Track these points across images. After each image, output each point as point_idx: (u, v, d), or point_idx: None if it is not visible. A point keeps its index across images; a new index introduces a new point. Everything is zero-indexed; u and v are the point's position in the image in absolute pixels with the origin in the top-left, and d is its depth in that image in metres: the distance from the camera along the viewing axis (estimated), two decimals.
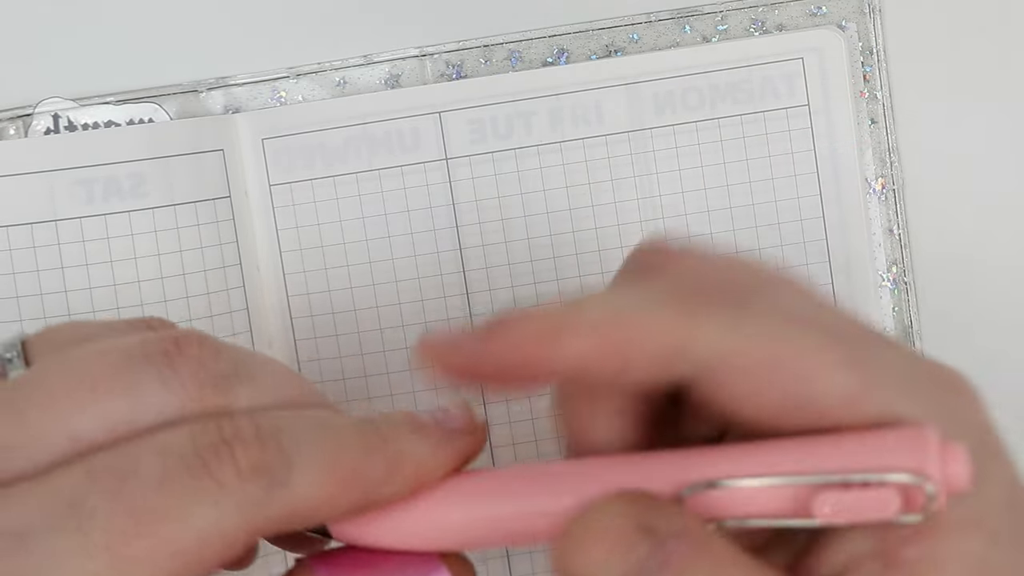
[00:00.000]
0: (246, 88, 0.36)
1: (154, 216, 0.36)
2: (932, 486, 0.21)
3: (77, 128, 0.36)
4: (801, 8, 0.35)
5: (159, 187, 0.36)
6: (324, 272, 0.36)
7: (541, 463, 0.22)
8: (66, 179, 0.36)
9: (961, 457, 0.21)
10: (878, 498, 0.21)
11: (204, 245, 0.36)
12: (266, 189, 0.36)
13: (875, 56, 0.35)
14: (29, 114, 0.36)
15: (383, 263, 0.36)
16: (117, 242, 0.36)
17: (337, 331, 0.36)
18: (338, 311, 0.36)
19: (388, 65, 0.36)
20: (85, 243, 0.36)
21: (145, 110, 0.36)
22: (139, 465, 0.20)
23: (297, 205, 0.36)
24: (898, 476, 0.21)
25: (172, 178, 0.36)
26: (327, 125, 0.36)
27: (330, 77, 0.36)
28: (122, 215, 0.36)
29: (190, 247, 0.36)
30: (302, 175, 0.36)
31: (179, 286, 0.36)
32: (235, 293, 0.36)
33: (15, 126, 0.37)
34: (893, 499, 0.21)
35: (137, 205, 0.36)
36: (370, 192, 0.36)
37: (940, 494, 0.21)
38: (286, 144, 0.36)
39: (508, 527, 0.22)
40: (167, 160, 0.36)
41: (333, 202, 0.36)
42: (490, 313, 0.36)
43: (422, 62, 0.36)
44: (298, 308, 0.36)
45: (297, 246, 0.36)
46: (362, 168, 0.36)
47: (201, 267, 0.36)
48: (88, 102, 0.36)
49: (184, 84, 0.36)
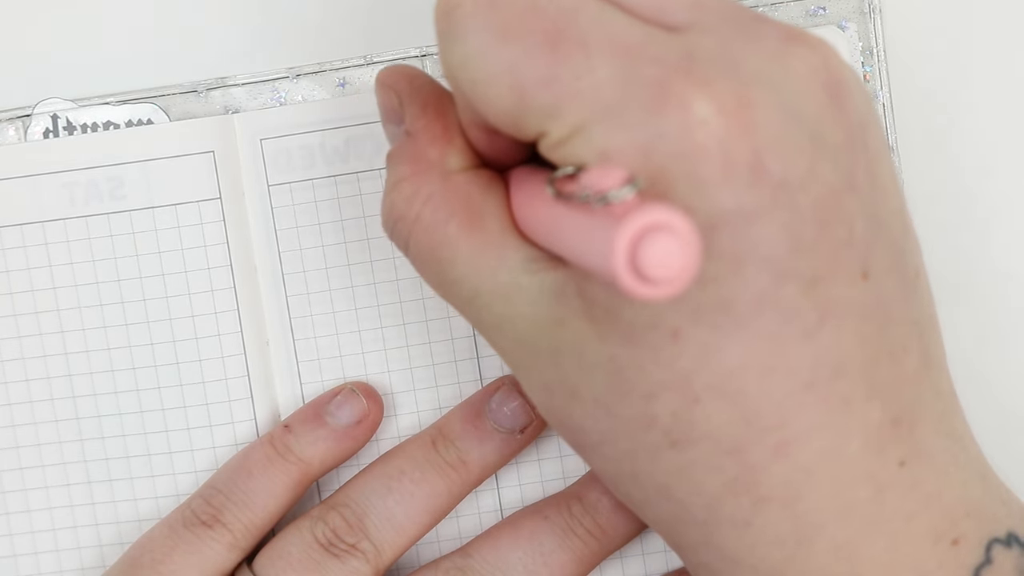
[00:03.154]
0: (246, 88, 0.36)
1: (131, 218, 0.36)
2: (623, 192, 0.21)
3: (76, 129, 0.36)
4: (801, 8, 0.35)
5: (137, 189, 0.36)
6: (325, 272, 0.36)
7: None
8: (55, 182, 0.36)
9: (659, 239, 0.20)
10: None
11: (185, 247, 0.36)
12: (264, 189, 0.36)
13: (875, 56, 0.35)
14: (28, 115, 0.36)
15: (384, 262, 0.36)
16: (99, 243, 0.36)
17: (338, 330, 0.36)
18: (339, 310, 0.36)
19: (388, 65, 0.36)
20: (70, 243, 0.36)
21: (144, 111, 0.36)
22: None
23: (297, 205, 0.36)
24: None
25: (153, 180, 0.36)
26: (327, 125, 0.36)
27: (330, 77, 0.36)
28: (102, 217, 0.36)
29: (168, 249, 0.36)
30: (302, 175, 0.36)
31: (158, 286, 0.36)
32: (222, 295, 0.36)
33: (14, 127, 0.37)
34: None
35: (116, 207, 0.36)
36: (371, 192, 0.36)
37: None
38: (285, 144, 0.36)
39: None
40: (153, 163, 0.36)
41: (334, 201, 0.36)
42: None
43: (422, 62, 0.36)
44: (297, 308, 0.36)
45: (297, 246, 0.36)
46: (363, 168, 0.36)
47: (182, 268, 0.36)
48: (87, 103, 0.36)
49: (183, 84, 0.36)
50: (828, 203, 0.23)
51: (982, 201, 0.36)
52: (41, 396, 0.37)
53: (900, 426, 0.25)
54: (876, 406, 0.25)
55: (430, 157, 0.28)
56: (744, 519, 0.25)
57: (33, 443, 0.37)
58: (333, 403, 0.35)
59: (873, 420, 0.25)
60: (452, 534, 0.36)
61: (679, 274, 0.20)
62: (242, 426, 0.36)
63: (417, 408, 0.36)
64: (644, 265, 0.20)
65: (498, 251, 0.27)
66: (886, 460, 0.25)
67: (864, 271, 0.24)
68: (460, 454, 0.34)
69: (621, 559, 0.36)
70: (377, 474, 0.34)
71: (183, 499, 0.36)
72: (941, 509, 0.26)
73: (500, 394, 0.35)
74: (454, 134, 0.28)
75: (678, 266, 0.20)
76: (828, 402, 0.24)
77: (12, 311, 0.36)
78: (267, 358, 0.36)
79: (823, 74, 0.24)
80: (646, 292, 0.20)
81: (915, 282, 0.26)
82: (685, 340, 0.24)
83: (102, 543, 0.37)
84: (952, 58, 0.36)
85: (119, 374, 0.36)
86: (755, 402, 0.24)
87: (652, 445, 0.25)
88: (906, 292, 0.26)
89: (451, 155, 0.28)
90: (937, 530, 0.26)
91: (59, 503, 0.37)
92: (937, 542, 0.26)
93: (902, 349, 0.25)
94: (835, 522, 0.25)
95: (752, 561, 0.26)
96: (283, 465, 0.34)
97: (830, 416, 0.24)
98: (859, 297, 0.24)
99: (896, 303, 0.25)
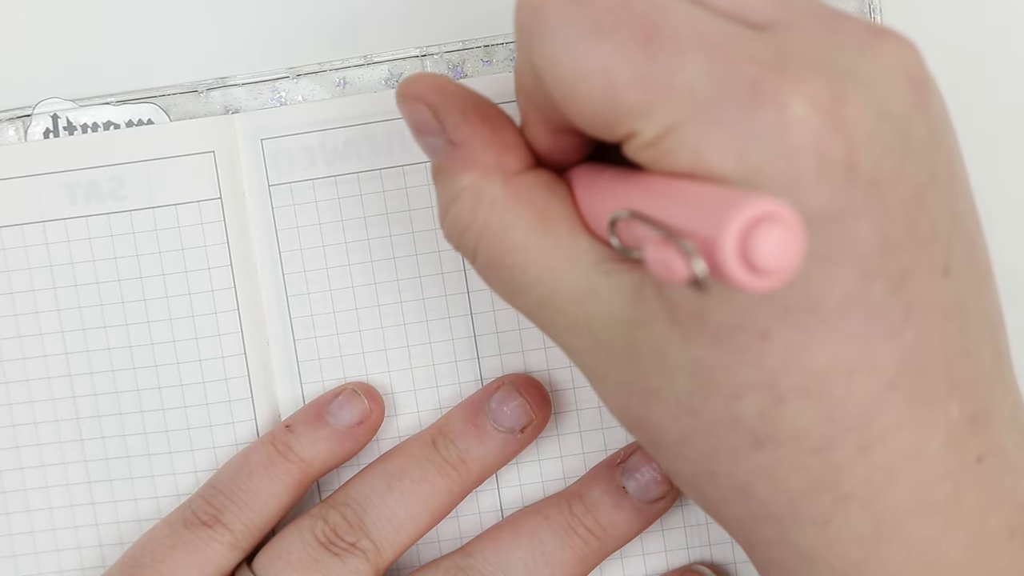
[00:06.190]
0: (246, 88, 0.36)
1: (132, 218, 0.36)
2: (700, 265, 0.20)
3: (76, 129, 0.36)
4: None
5: (137, 189, 0.36)
6: (325, 272, 0.36)
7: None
8: (56, 182, 0.36)
9: (770, 233, 0.19)
10: (662, 261, 0.21)
11: (185, 247, 0.36)
12: (265, 189, 0.36)
13: None
14: (28, 115, 0.36)
15: (384, 262, 0.36)
16: (99, 243, 0.36)
17: (338, 330, 0.36)
18: (339, 310, 0.36)
19: (388, 65, 0.36)
20: (70, 243, 0.36)
21: (145, 111, 0.36)
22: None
23: (297, 205, 0.36)
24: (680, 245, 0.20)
25: (154, 181, 0.36)
26: (328, 125, 0.36)
27: (330, 77, 0.36)
28: (102, 217, 0.36)
29: (169, 249, 0.36)
30: (303, 175, 0.36)
31: (159, 286, 0.36)
32: (222, 295, 0.36)
33: (14, 127, 0.37)
34: (677, 265, 0.20)
35: (117, 207, 0.36)
36: (372, 191, 0.36)
37: (727, 267, 0.20)
38: (286, 144, 0.36)
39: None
40: (153, 163, 0.36)
41: (335, 201, 0.36)
42: (490, 311, 0.36)
43: (422, 62, 0.36)
44: (298, 308, 0.36)
45: (298, 245, 0.36)
46: (364, 168, 0.36)
47: (183, 268, 0.36)
48: (87, 103, 0.36)
49: (184, 84, 0.36)
50: (915, 200, 0.23)
51: (982, 201, 0.36)
52: (41, 396, 0.37)
53: (977, 422, 0.25)
54: (955, 403, 0.25)
55: (486, 162, 0.27)
56: (824, 517, 0.25)
57: (33, 443, 0.37)
58: (334, 403, 0.35)
59: (953, 418, 0.25)
60: (452, 534, 0.36)
61: (788, 264, 0.19)
62: (242, 426, 0.36)
63: (417, 408, 0.36)
64: (756, 255, 0.19)
65: (570, 252, 0.26)
66: (964, 457, 0.25)
67: (945, 268, 0.24)
68: (460, 453, 0.34)
69: (621, 559, 0.36)
70: (378, 473, 0.34)
71: (183, 499, 0.36)
72: (1015, 504, 0.26)
73: (500, 394, 0.35)
74: (505, 135, 0.28)
75: (788, 256, 0.19)
76: (911, 401, 0.24)
77: (12, 311, 0.36)
78: (267, 358, 0.36)
79: (909, 69, 0.24)
80: (756, 283, 0.20)
81: (987, 277, 0.26)
82: (773, 340, 0.24)
83: (102, 543, 0.37)
84: (952, 58, 0.36)
85: (119, 374, 0.36)
86: (840, 402, 0.24)
87: (736, 445, 0.25)
88: (981, 288, 0.26)
89: (507, 157, 0.27)
90: (1011, 526, 0.26)
91: (59, 503, 0.37)
92: (1012, 538, 0.26)
93: (977, 345, 0.25)
94: (914, 520, 0.25)
95: (829, 559, 0.26)
96: (284, 465, 0.34)
97: (912, 415, 0.24)
98: (940, 294, 0.24)
99: (972, 299, 0.25)
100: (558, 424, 0.36)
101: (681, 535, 0.36)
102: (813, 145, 0.22)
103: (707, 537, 0.36)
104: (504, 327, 0.36)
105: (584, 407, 0.36)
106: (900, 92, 0.24)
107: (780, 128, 0.22)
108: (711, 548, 0.36)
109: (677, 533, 0.36)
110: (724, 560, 0.36)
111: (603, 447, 0.36)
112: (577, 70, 0.24)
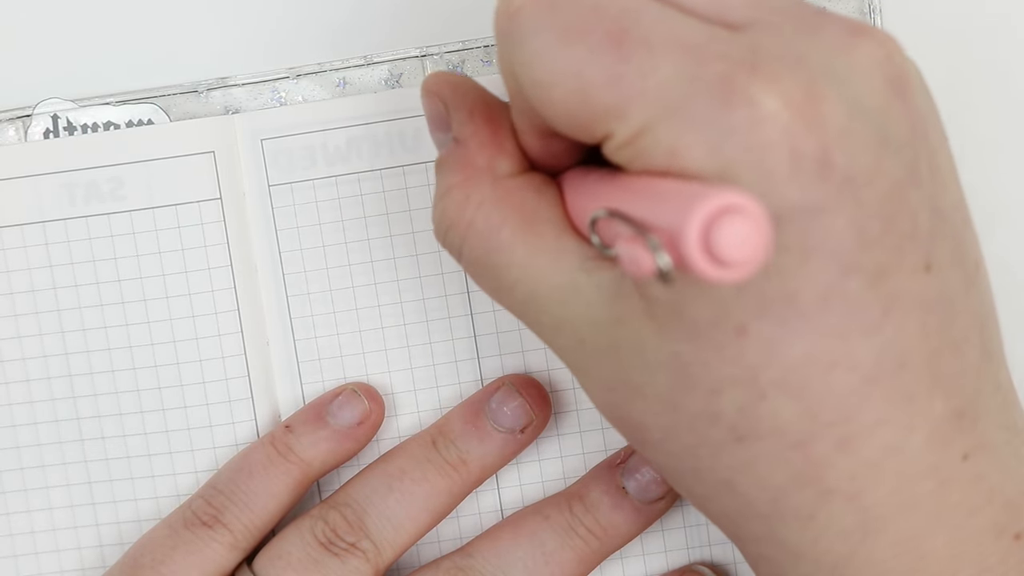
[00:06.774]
0: (246, 88, 0.36)
1: (132, 219, 0.36)
2: (664, 259, 0.20)
3: (76, 129, 0.36)
4: None
5: (137, 189, 0.36)
6: (325, 272, 0.36)
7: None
8: (56, 182, 0.36)
9: (735, 226, 0.20)
10: (630, 256, 0.21)
11: (185, 248, 0.36)
12: (265, 190, 0.36)
13: None
14: (28, 115, 0.36)
15: (385, 262, 0.36)
16: (99, 243, 0.36)
17: (339, 330, 0.36)
18: (340, 311, 0.36)
19: (388, 65, 0.36)
20: (70, 243, 0.36)
21: (145, 111, 0.36)
22: None
23: (298, 205, 0.36)
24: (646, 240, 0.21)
25: (154, 181, 0.36)
26: (328, 125, 0.36)
27: (330, 77, 0.36)
28: (102, 217, 0.36)
29: (169, 249, 0.36)
30: (303, 175, 0.36)
31: (159, 286, 0.36)
32: (222, 295, 0.36)
33: (14, 127, 0.37)
34: (643, 259, 0.21)
35: (117, 208, 0.36)
36: (372, 192, 0.36)
37: (691, 258, 0.20)
38: (286, 145, 0.36)
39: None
40: (153, 163, 0.36)
41: (335, 201, 0.36)
42: (490, 312, 0.36)
43: (422, 62, 0.36)
44: (298, 308, 0.36)
45: (298, 246, 0.36)
46: (364, 168, 0.36)
47: (183, 269, 0.36)
48: (87, 103, 0.36)
49: (184, 85, 0.36)
50: (893, 197, 0.23)
51: (982, 200, 0.36)
52: (42, 396, 0.37)
53: (963, 419, 0.25)
54: (939, 399, 0.25)
55: (479, 163, 0.28)
56: (808, 512, 0.25)
57: (34, 443, 0.37)
58: (335, 404, 0.35)
59: (936, 413, 0.25)
60: (452, 534, 0.36)
61: (752, 256, 0.20)
62: (242, 426, 0.36)
63: (418, 408, 0.36)
64: (718, 246, 0.20)
65: (554, 253, 0.27)
66: (950, 453, 0.25)
67: (927, 264, 0.24)
68: (461, 453, 0.34)
69: (621, 559, 0.36)
70: (378, 473, 0.34)
71: (184, 499, 0.36)
72: (1003, 503, 0.26)
73: (500, 394, 0.35)
74: (503, 139, 0.28)
75: (751, 247, 0.20)
76: (891, 396, 0.24)
77: (12, 311, 0.36)
78: (267, 358, 0.36)
79: (887, 67, 0.24)
80: (720, 275, 0.20)
81: (976, 274, 0.26)
82: (750, 335, 0.24)
83: (103, 543, 0.37)
84: (952, 58, 0.36)
85: (119, 374, 0.36)
86: (819, 396, 0.24)
87: (717, 440, 0.25)
88: (967, 284, 0.25)
89: (501, 160, 0.28)
90: (999, 524, 0.26)
91: (60, 503, 0.37)
92: (999, 536, 0.26)
93: (964, 341, 0.25)
94: (899, 516, 0.25)
95: (815, 554, 0.26)
96: (284, 465, 0.34)
97: (894, 410, 0.24)
98: (922, 290, 0.24)
99: (958, 295, 0.25)
100: (558, 424, 0.36)
101: (681, 535, 0.36)
102: (785, 141, 0.22)
103: (707, 537, 0.36)
104: (504, 327, 0.36)
105: (584, 407, 0.36)
106: (877, 89, 0.24)
107: (752, 124, 0.22)
108: (711, 548, 0.36)
109: (677, 533, 0.36)
110: (724, 560, 0.36)
111: (603, 447, 0.36)
112: (551, 75, 0.24)
